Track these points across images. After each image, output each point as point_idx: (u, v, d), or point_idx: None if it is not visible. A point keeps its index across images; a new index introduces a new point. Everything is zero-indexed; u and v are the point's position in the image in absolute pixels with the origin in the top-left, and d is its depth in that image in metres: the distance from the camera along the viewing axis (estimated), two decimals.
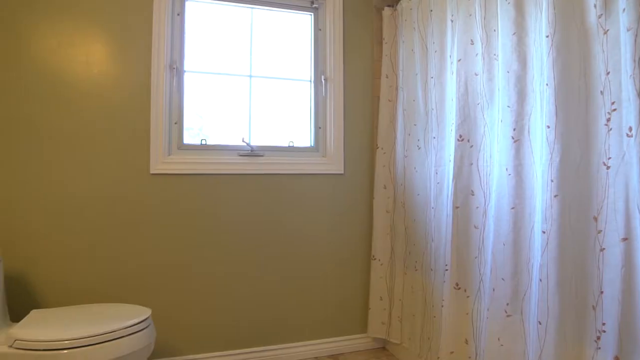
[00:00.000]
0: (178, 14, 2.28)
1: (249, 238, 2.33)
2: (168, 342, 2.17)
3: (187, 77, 2.31)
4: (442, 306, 1.95)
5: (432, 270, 2.13)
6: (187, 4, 2.32)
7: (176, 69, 2.24)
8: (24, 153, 2.02)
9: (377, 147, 2.52)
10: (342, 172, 2.50)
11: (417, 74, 2.31)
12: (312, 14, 2.56)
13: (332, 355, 2.46)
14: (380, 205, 2.50)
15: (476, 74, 1.86)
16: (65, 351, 1.54)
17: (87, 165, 2.09)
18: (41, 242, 2.04)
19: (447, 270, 1.92)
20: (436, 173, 2.12)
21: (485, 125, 1.81)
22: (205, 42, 2.37)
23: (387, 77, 2.54)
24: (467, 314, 1.86)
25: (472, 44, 1.88)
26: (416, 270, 2.29)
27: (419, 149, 2.29)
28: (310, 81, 2.54)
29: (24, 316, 1.76)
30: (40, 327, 1.63)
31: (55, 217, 2.05)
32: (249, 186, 2.33)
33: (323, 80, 2.51)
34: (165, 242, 2.20)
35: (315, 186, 2.45)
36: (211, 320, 2.27)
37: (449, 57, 2.05)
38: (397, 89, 2.50)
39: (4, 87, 2.00)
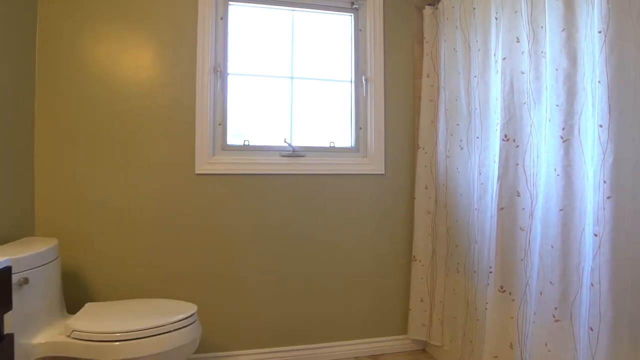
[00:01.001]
0: (221, 18, 2.34)
1: (290, 237, 2.36)
2: (211, 339, 2.24)
3: (229, 79, 2.36)
4: (486, 309, 1.91)
5: (475, 272, 2.09)
6: (230, 8, 2.37)
7: (220, 72, 2.30)
8: (79, 156, 2.13)
9: (419, 147, 2.50)
10: (383, 172, 2.49)
11: (459, 73, 2.28)
12: (353, 14, 2.57)
13: (372, 355, 2.45)
14: (421, 205, 2.47)
15: (522, 72, 1.81)
16: (117, 343, 1.61)
17: (137, 166, 2.18)
18: (94, 240, 2.14)
19: (491, 272, 1.89)
20: (480, 173, 2.08)
21: (532, 125, 1.76)
22: (248, 45, 2.42)
23: (428, 76, 2.51)
24: (512, 317, 1.82)
25: (518, 41, 1.83)
26: (458, 272, 2.26)
27: (462, 149, 2.25)
28: (351, 82, 2.54)
29: (79, 308, 1.86)
30: (94, 319, 1.72)
31: (107, 217, 2.15)
32: (290, 186, 2.36)
33: (364, 81, 2.51)
34: (210, 241, 2.26)
35: (356, 186, 2.46)
36: (252, 317, 2.31)
37: (493, 55, 2.01)
38: (438, 88, 2.47)
39: (61, 91, 2.12)
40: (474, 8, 2.16)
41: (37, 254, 1.66)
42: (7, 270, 1.03)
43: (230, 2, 2.37)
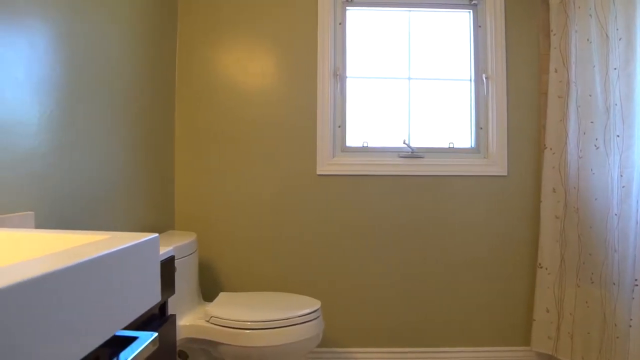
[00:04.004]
0: (340, 23, 2.40)
1: (408, 239, 2.36)
2: (330, 334, 2.31)
3: (348, 82, 2.42)
4: (630, 326, 1.73)
5: (614, 284, 1.90)
6: (347, 12, 2.43)
7: (339, 76, 2.37)
8: (211, 158, 2.34)
9: (545, 148, 2.34)
10: (506, 174, 2.38)
11: (594, 66, 2.09)
12: (471, 10, 2.48)
13: None
14: (548, 209, 2.31)
15: None
16: (247, 331, 1.74)
17: (263, 166, 2.34)
18: (227, 236, 2.34)
19: (637, 285, 1.71)
20: (621, 175, 1.89)
21: None
22: (365, 48, 2.46)
23: (556, 71, 2.34)
24: None
25: None
26: (592, 282, 2.07)
27: (597, 148, 2.06)
28: (470, 80, 2.46)
29: (210, 297, 2.04)
30: (229, 308, 1.87)
31: (238, 214, 2.34)
32: (409, 187, 2.36)
33: (484, 79, 2.41)
34: (330, 239, 2.34)
35: (477, 188, 2.37)
36: (370, 316, 2.35)
37: (638, 44, 1.81)
38: (568, 83, 2.29)
39: (196, 97, 2.34)
40: None
41: (182, 245, 1.86)
42: (172, 259, 1.16)
43: (347, 7, 2.43)
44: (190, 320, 1.82)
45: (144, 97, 1.95)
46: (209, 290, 2.27)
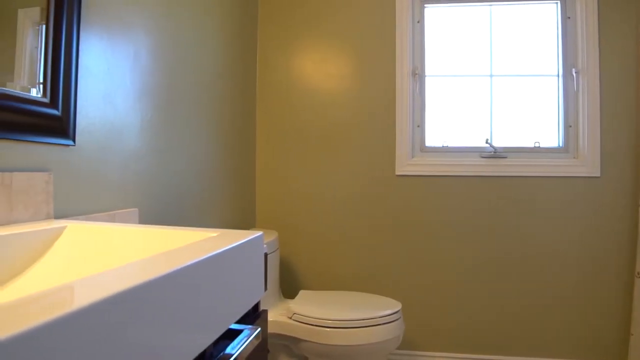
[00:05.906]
0: (418, 22, 2.37)
1: (490, 243, 2.27)
2: (408, 336, 2.28)
3: (427, 81, 2.38)
4: None
5: None
6: (425, 10, 2.39)
7: (418, 75, 2.34)
8: (291, 159, 2.39)
9: None
10: (598, 175, 2.21)
11: None
12: (558, 1, 2.34)
13: None
14: None
15: None
16: (328, 329, 1.76)
17: (343, 167, 2.36)
18: (305, 235, 2.38)
19: None
20: None
21: None
22: (444, 46, 2.40)
23: None
24: None
25: None
26: None
27: None
28: (558, 75, 2.32)
29: (289, 294, 2.07)
30: (311, 305, 1.89)
31: (316, 214, 2.38)
32: (491, 188, 2.27)
33: (574, 74, 2.27)
34: (409, 241, 2.31)
35: (565, 190, 2.23)
36: (448, 320, 2.29)
37: None
38: None
39: (275, 100, 2.40)
40: None
41: (266, 243, 1.91)
42: (265, 256, 1.20)
43: (426, 5, 2.38)
44: (272, 316, 1.87)
45: (230, 101, 2.03)
46: (287, 288, 2.33)
